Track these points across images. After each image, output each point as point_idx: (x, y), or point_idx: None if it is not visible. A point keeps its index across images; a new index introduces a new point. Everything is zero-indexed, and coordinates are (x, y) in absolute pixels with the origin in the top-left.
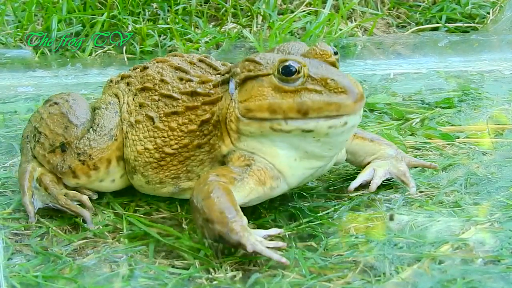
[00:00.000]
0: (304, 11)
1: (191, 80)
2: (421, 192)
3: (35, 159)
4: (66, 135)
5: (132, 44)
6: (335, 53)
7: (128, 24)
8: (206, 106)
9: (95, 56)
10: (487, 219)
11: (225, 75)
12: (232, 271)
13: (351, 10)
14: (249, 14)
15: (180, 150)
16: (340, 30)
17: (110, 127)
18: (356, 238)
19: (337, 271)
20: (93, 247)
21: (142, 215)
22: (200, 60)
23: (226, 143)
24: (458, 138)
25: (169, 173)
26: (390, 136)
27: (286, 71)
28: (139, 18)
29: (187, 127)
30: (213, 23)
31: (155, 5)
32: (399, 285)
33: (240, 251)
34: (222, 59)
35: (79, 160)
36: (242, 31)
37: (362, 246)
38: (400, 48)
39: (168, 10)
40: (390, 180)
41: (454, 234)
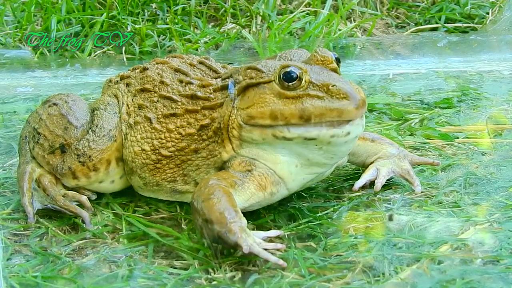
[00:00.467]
0: (303, 11)
1: (191, 82)
2: (420, 192)
3: (34, 160)
4: (66, 136)
5: (131, 44)
6: (337, 59)
7: (127, 24)
8: (206, 111)
9: (94, 56)
10: (486, 219)
11: (225, 80)
12: (231, 271)
13: (350, 11)
14: (248, 14)
15: (176, 153)
16: (339, 30)
17: (109, 128)
18: (356, 238)
19: (336, 271)
20: (92, 247)
21: (141, 216)
22: (200, 62)
23: (228, 150)
24: (457, 138)
25: (165, 176)
26: (390, 136)
27: (287, 77)
28: (138, 18)
29: (185, 130)
30: (212, 24)
31: (154, 5)
32: (398, 285)
33: (239, 251)
34: (222, 59)
35: (79, 161)
36: (241, 32)
37: (361, 246)
38: (399, 48)
39: (167, 11)
40: (389, 180)
41: (453, 234)
